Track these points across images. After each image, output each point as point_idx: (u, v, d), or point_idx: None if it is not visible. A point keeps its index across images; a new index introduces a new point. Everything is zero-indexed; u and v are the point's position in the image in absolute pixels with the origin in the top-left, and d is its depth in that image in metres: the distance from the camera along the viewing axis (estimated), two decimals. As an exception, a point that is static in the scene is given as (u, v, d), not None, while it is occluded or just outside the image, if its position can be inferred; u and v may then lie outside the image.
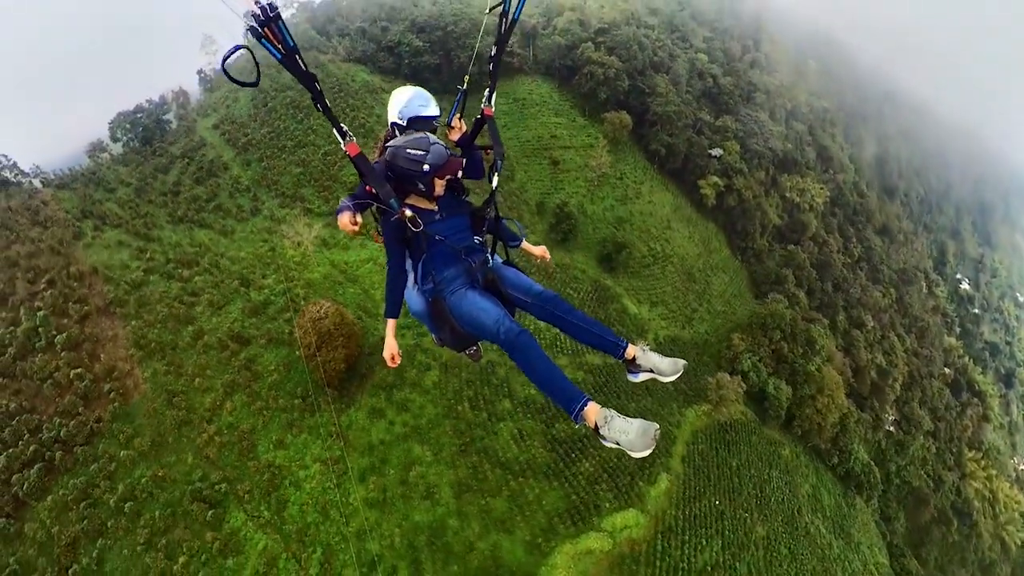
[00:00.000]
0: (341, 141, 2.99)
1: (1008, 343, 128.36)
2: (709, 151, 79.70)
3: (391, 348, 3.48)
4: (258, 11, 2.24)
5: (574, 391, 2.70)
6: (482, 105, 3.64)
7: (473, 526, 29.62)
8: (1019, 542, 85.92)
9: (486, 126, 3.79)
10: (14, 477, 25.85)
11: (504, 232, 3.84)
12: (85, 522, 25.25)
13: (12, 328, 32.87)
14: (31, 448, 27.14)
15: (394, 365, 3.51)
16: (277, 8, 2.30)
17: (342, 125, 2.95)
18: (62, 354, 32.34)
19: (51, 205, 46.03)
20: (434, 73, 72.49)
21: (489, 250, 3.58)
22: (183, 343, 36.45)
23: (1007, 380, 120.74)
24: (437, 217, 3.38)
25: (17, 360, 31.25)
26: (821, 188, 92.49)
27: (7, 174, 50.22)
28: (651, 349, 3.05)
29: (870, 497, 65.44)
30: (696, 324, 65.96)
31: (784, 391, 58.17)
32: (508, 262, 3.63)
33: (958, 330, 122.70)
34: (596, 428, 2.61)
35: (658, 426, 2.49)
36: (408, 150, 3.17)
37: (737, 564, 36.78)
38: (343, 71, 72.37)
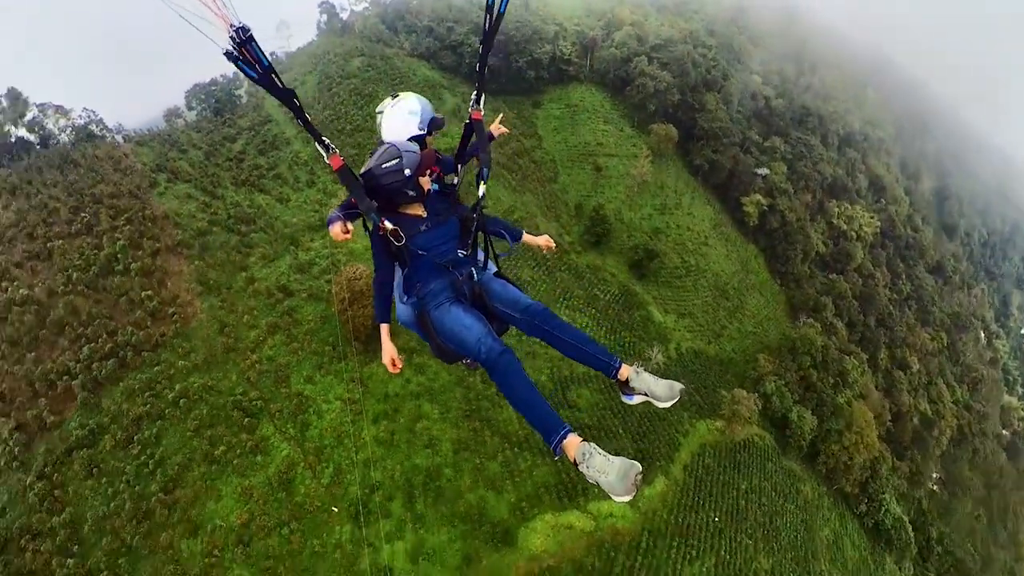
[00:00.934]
0: (324, 154, 3.05)
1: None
2: (755, 170, 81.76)
3: (389, 352, 3.47)
4: (233, 34, 2.35)
5: (554, 420, 2.63)
6: (470, 108, 3.65)
7: (465, 479, 33.00)
8: None
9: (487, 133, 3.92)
10: (94, 364, 31.24)
11: (496, 228, 3.88)
12: (148, 407, 30.35)
13: (96, 251, 38.86)
14: (108, 346, 32.57)
15: (395, 370, 3.50)
16: (250, 31, 2.42)
17: (325, 139, 3.03)
18: (136, 278, 38.03)
19: (130, 157, 52.85)
20: (494, 74, 77.76)
21: (477, 261, 3.59)
22: (236, 286, 41.82)
23: None
24: (422, 228, 3.39)
25: (99, 277, 37.05)
26: (871, 218, 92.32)
27: (93, 127, 57.82)
28: (647, 370, 2.95)
29: (901, 558, 61.70)
30: (724, 341, 67.51)
31: (808, 421, 57.70)
32: (499, 274, 3.62)
33: (1021, 390, 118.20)
34: (575, 463, 2.53)
35: (640, 468, 2.40)
36: (383, 165, 3.23)
37: None
38: (406, 65, 78.72)
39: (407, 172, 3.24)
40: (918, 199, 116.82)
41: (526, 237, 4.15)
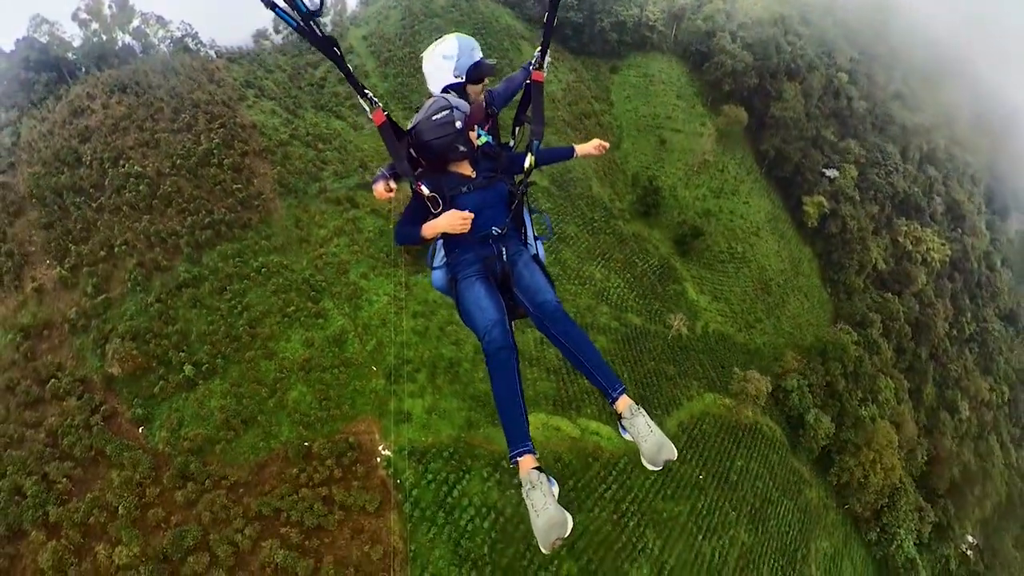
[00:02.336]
0: (367, 109, 3.12)
1: None
2: (823, 169, 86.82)
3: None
4: None
5: (522, 434, 2.78)
6: (531, 67, 3.62)
7: (479, 373, 41.93)
8: None
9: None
10: (196, 231, 42.01)
11: (550, 158, 3.97)
12: (237, 269, 40.88)
13: (195, 146, 49.59)
14: (206, 220, 43.19)
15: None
16: None
17: (367, 91, 3.08)
18: (228, 172, 48.59)
19: (222, 72, 63.73)
20: (575, 30, 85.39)
21: (519, 237, 3.68)
22: (311, 192, 52.08)
23: None
24: (464, 189, 3.41)
25: (198, 167, 47.73)
26: (942, 245, 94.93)
27: (189, 41, 69.21)
28: (644, 412, 2.89)
29: None
30: (756, 334, 73.99)
31: (824, 425, 61.82)
32: (536, 257, 3.66)
33: None
34: (520, 481, 2.65)
35: (565, 534, 2.43)
36: (432, 117, 3.21)
37: (703, 541, 43.96)
38: (490, 10, 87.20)
39: (458, 125, 3.22)
40: (1001, 238, 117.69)
41: (578, 149, 4.19)
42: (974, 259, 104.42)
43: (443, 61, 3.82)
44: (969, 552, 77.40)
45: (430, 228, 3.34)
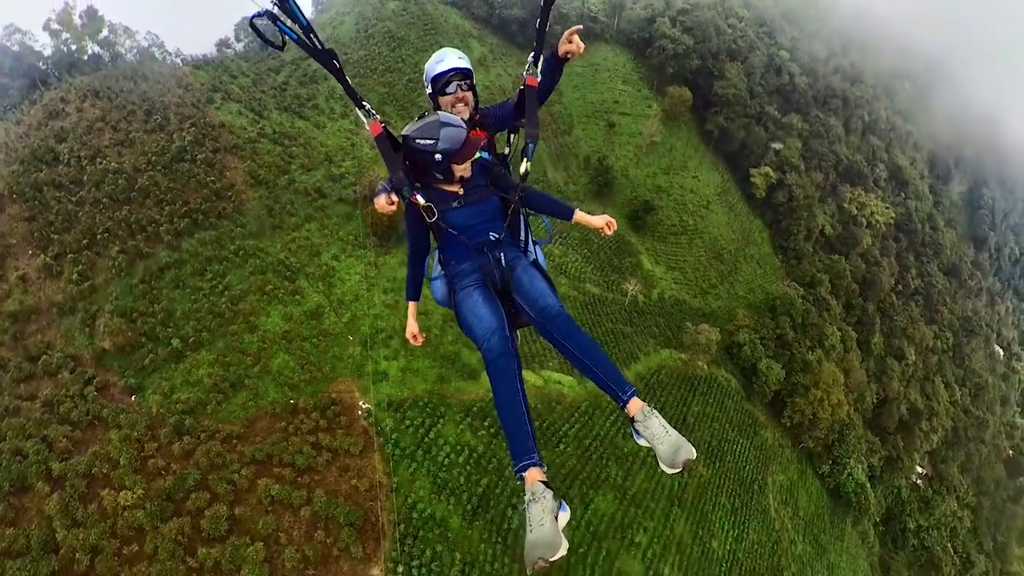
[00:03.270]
0: (364, 121, 3.14)
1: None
2: (770, 144, 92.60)
3: (411, 329, 3.87)
4: None
5: (527, 444, 2.72)
6: (524, 72, 3.53)
7: (449, 336, 45.75)
8: None
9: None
10: (174, 220, 45.15)
11: (542, 206, 3.77)
12: (215, 252, 44.09)
13: (169, 143, 52.62)
14: (183, 209, 46.38)
15: (416, 343, 3.86)
16: None
17: (365, 103, 3.09)
18: (201, 167, 51.71)
19: (189, 77, 66.79)
20: (520, 26, 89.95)
21: (517, 244, 3.65)
22: (280, 184, 55.35)
23: None
24: (455, 204, 3.44)
25: (173, 162, 50.77)
26: (886, 208, 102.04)
27: (155, 51, 72.06)
28: (658, 413, 2.85)
29: (858, 520, 71.21)
30: (710, 299, 79.17)
31: (775, 371, 67.81)
32: (536, 263, 3.64)
33: None
34: (524, 495, 2.61)
35: (553, 556, 2.36)
36: (417, 140, 3.19)
37: (664, 476, 47.03)
38: (439, 12, 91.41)
39: (438, 157, 3.19)
40: (944, 201, 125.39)
41: (579, 215, 3.86)
42: (918, 220, 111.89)
43: (446, 54, 3.81)
44: (919, 481, 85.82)
45: (409, 315, 3.90)
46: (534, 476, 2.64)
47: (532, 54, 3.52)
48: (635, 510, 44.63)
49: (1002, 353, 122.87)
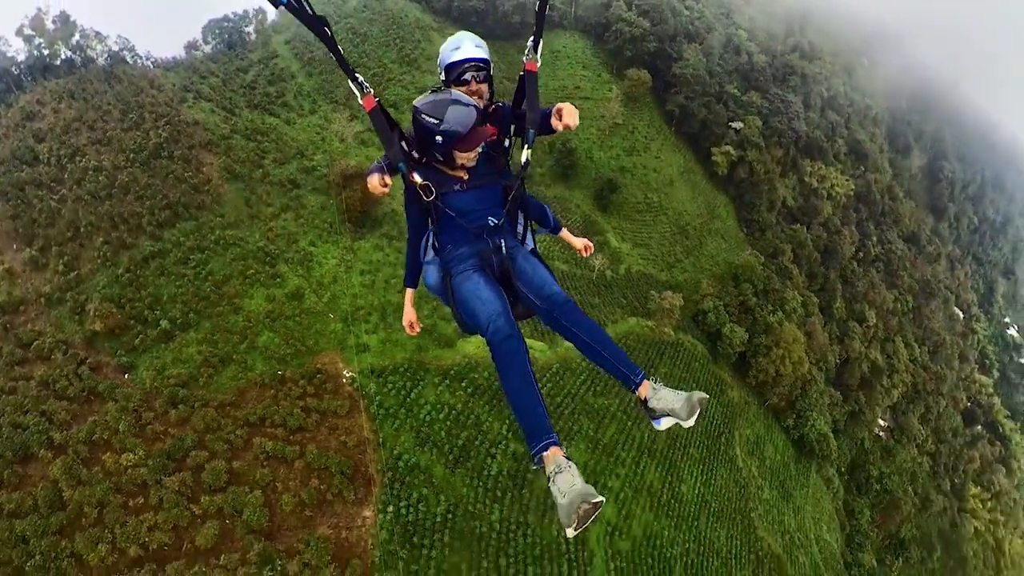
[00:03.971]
0: (358, 94, 3.08)
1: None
2: (730, 123, 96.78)
3: (408, 316, 3.91)
4: None
5: (543, 425, 2.68)
6: (524, 58, 3.42)
7: (424, 311, 48.88)
8: None
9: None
10: (156, 212, 47.65)
11: (533, 211, 3.90)
12: (197, 242, 46.74)
13: (146, 141, 54.99)
14: (163, 202, 48.90)
15: (412, 333, 3.93)
16: None
17: (358, 76, 3.05)
18: (179, 162, 54.18)
19: (161, 79, 68.97)
20: (480, 17, 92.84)
21: (515, 233, 3.64)
22: (255, 177, 58.02)
23: None
24: (457, 187, 3.40)
25: (151, 159, 53.20)
26: (846, 180, 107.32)
27: (126, 54, 73.76)
28: (662, 382, 2.95)
29: (821, 467, 76.63)
30: (676, 272, 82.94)
31: (739, 333, 72.14)
32: (534, 252, 3.64)
33: (996, 374, 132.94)
34: (548, 477, 2.55)
35: (596, 503, 2.34)
36: (423, 115, 3.16)
37: (632, 426, 51.59)
38: (399, 7, 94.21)
39: (439, 139, 3.15)
40: (903, 173, 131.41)
41: (564, 233, 4.25)
42: (877, 192, 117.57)
43: (462, 41, 3.72)
44: (881, 433, 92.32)
45: (406, 301, 3.96)
46: (555, 454, 2.61)
47: (531, 39, 3.38)
48: (607, 459, 48.27)
49: (961, 315, 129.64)
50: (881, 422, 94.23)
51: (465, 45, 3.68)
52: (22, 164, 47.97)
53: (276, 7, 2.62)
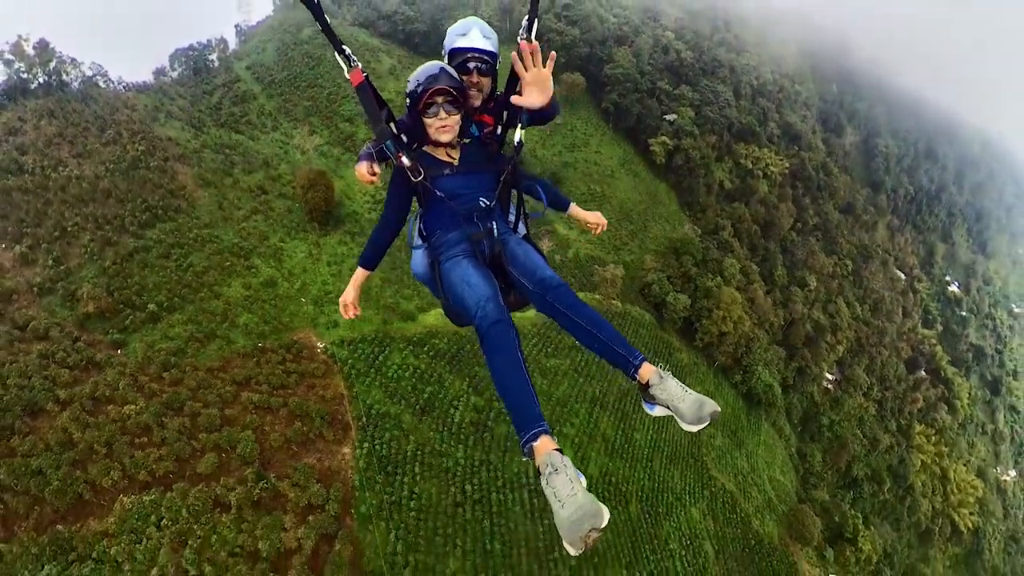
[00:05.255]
0: (345, 67, 3.05)
1: (999, 352, 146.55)
2: (664, 116, 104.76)
3: (347, 296, 3.66)
4: None
5: (533, 412, 2.57)
6: (519, 39, 3.26)
7: (387, 293, 54.63)
8: (971, 525, 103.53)
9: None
10: (137, 214, 52.57)
11: (537, 191, 3.88)
12: (176, 240, 51.88)
13: (124, 153, 59.77)
14: (143, 206, 53.87)
15: (346, 316, 3.67)
16: None
17: (345, 48, 3.01)
18: (155, 172, 59.20)
19: (134, 100, 74.00)
20: (424, 38, 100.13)
21: (506, 218, 3.59)
22: (226, 184, 63.35)
23: (993, 387, 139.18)
24: (447, 172, 3.37)
25: (129, 169, 58.03)
26: (780, 160, 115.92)
27: (99, 79, 78.37)
28: (672, 376, 2.83)
29: (768, 414, 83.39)
30: (623, 254, 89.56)
31: (682, 300, 78.40)
32: (527, 237, 3.62)
33: (940, 328, 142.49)
34: (538, 471, 2.39)
35: (601, 525, 2.12)
36: (410, 79, 3.25)
37: (584, 383, 57.47)
38: (348, 33, 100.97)
39: (407, 100, 3.23)
40: (837, 151, 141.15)
41: (574, 209, 4.09)
42: (811, 168, 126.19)
43: (469, 27, 3.65)
44: (830, 386, 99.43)
45: (352, 279, 3.66)
46: (546, 445, 2.45)
47: (526, 19, 3.27)
48: (561, 409, 54.01)
49: (903, 276, 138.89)
50: (828, 376, 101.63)
51: (472, 33, 3.60)
52: (7, 174, 51.78)
53: None
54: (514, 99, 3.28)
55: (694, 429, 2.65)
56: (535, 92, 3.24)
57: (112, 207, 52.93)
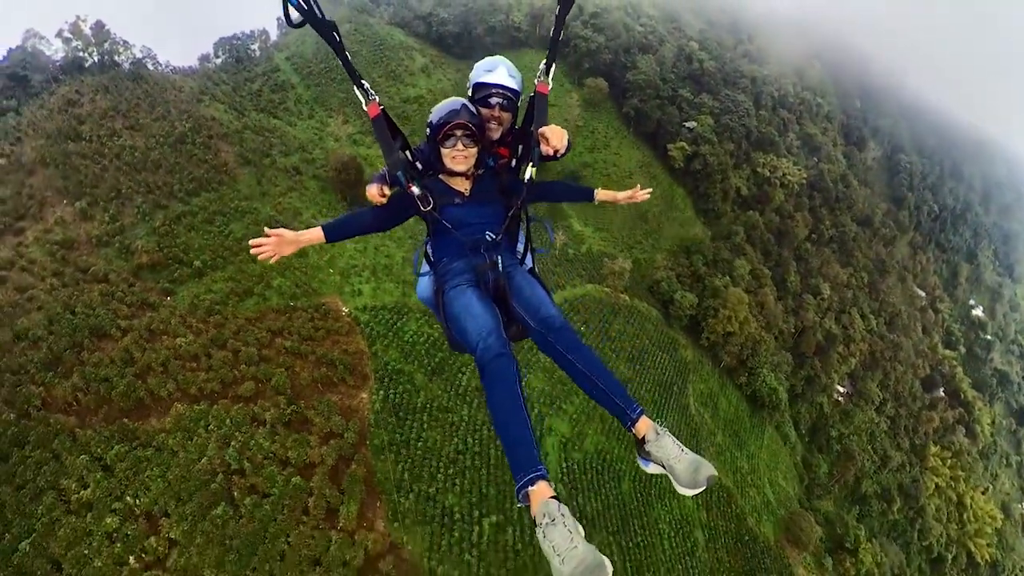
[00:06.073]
0: (363, 100, 3.21)
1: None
2: (684, 123, 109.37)
3: (285, 233, 3.32)
4: None
5: (530, 456, 2.54)
6: (536, 80, 3.53)
7: (407, 270, 59.79)
8: (988, 557, 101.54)
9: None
10: (184, 183, 58.90)
11: (561, 193, 4.20)
12: (219, 208, 58.11)
13: (172, 129, 66.40)
14: (189, 177, 60.23)
15: (261, 248, 3.27)
16: None
17: (364, 82, 3.17)
18: (200, 148, 65.72)
19: (180, 82, 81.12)
20: (455, 39, 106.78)
21: (513, 251, 3.67)
22: (265, 164, 69.62)
23: (1020, 416, 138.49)
24: (457, 200, 3.48)
25: (177, 144, 64.57)
26: (799, 170, 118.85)
27: (148, 62, 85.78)
28: (669, 432, 2.79)
29: (772, 417, 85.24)
30: (636, 252, 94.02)
31: (689, 298, 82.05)
32: (533, 271, 3.68)
33: (963, 350, 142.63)
34: (534, 521, 2.36)
35: (611, 569, 2.13)
36: (440, 104, 3.37)
37: None
38: (385, 31, 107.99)
39: (427, 131, 3.37)
40: (858, 164, 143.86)
41: (600, 194, 4.29)
42: (830, 180, 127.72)
43: (496, 65, 3.91)
44: (840, 399, 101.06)
45: (303, 232, 3.41)
46: (543, 492, 2.42)
47: (544, 63, 3.51)
48: (561, 387, 58.61)
49: (924, 295, 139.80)
50: (840, 388, 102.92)
51: (499, 70, 3.86)
52: (67, 140, 58.39)
53: (286, 9, 2.85)
54: (544, 149, 3.51)
55: (689, 493, 2.62)
56: (557, 136, 3.55)
57: (162, 176, 59.32)
